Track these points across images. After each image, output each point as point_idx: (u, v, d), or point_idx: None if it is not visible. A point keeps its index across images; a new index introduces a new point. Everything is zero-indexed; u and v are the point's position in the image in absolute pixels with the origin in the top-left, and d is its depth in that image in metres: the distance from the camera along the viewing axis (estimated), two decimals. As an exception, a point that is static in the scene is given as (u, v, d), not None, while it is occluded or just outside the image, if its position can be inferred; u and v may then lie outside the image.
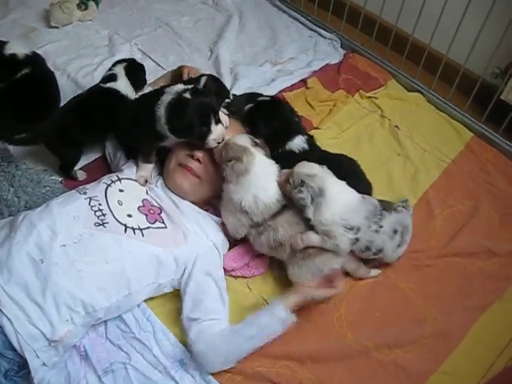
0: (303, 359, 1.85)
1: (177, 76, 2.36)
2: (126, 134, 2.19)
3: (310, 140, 2.18)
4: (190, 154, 2.04)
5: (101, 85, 2.30)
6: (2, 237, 1.78)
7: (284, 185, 1.92)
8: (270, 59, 3.00)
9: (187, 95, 1.92)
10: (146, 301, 1.92)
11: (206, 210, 2.10)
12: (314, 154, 2.13)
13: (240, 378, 1.79)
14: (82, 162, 2.38)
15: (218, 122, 1.95)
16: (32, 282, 1.68)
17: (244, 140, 1.96)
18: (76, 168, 2.33)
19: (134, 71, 2.35)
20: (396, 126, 2.66)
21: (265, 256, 2.08)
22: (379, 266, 2.10)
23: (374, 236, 1.92)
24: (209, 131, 1.91)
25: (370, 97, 2.81)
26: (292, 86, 2.81)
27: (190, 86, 1.97)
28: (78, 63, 2.86)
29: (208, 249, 1.97)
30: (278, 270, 2.06)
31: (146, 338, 1.85)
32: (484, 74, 2.68)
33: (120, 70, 2.32)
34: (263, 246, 1.97)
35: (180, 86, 1.99)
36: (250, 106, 2.23)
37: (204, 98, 1.96)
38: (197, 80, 2.19)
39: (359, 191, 1.97)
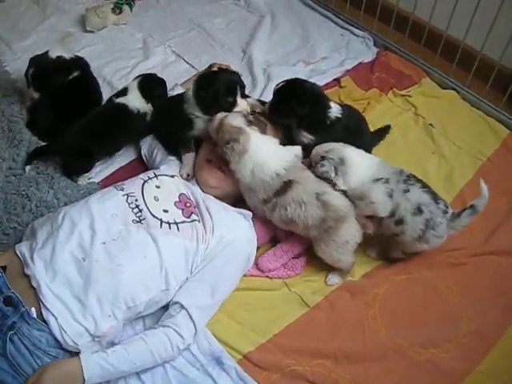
0: (338, 357, 1.85)
1: None
2: (164, 131, 2.29)
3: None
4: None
5: (113, 99, 2.36)
6: (45, 235, 1.83)
7: (310, 169, 2.01)
8: (303, 59, 3.01)
9: (214, 70, 2.08)
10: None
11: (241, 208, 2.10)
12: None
13: (277, 375, 1.81)
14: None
15: (244, 96, 2.03)
16: (75, 280, 1.73)
17: (238, 120, 1.99)
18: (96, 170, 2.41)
19: (149, 85, 2.36)
20: (430, 124, 2.64)
21: (301, 256, 2.11)
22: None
23: (401, 198, 1.92)
24: (234, 103, 1.99)
25: (403, 95, 2.80)
26: (325, 85, 2.80)
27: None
28: (113, 66, 2.92)
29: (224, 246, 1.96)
30: (315, 268, 2.10)
31: (185, 337, 1.88)
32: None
33: (133, 84, 2.36)
34: (278, 221, 2.02)
35: None
36: (272, 98, 2.20)
37: (229, 72, 2.11)
38: None
39: None
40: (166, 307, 1.89)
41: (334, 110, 2.16)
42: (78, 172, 2.33)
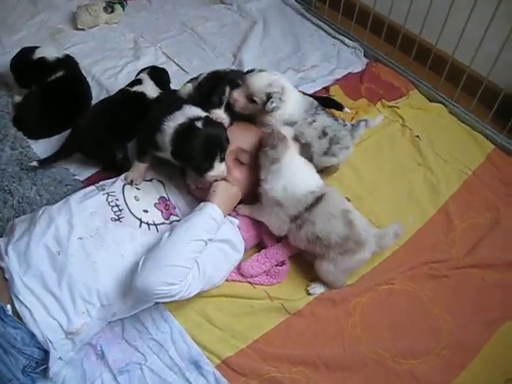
0: (318, 365, 1.85)
1: None
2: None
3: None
4: None
5: (128, 88, 2.34)
6: (22, 230, 1.83)
7: (247, 104, 2.10)
8: (293, 66, 3.02)
9: (199, 124, 1.88)
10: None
11: (235, 216, 2.09)
12: None
13: (255, 382, 1.80)
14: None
15: (223, 159, 1.92)
16: (48, 273, 1.72)
17: (287, 131, 2.02)
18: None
19: (158, 73, 2.42)
20: (417, 136, 2.65)
21: (284, 265, 2.09)
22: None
23: (307, 129, 2.15)
24: (210, 168, 1.88)
25: (391, 106, 2.81)
26: (314, 93, 2.79)
27: (204, 115, 1.93)
28: (102, 65, 2.91)
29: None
30: (298, 276, 2.09)
31: (163, 339, 1.87)
32: (507, 86, 2.67)
33: (144, 76, 2.37)
34: (302, 240, 1.99)
35: (195, 111, 1.95)
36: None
37: (215, 130, 1.92)
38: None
39: None
40: (148, 314, 1.90)
41: None
42: (107, 163, 2.33)
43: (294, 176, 1.96)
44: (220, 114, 2.07)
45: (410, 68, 3.01)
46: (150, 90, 2.34)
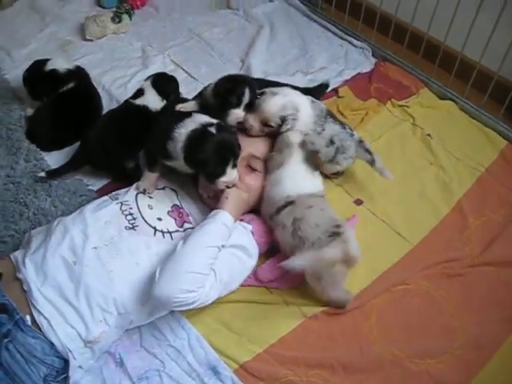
0: (335, 368, 1.84)
1: None
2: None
3: None
4: None
5: (131, 100, 2.33)
6: (39, 241, 1.86)
7: (262, 128, 2.10)
8: (302, 69, 3.02)
9: (212, 129, 1.88)
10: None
11: (248, 222, 2.09)
12: None
13: (272, 386, 1.80)
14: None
15: (235, 166, 1.93)
16: (65, 283, 1.74)
17: (295, 137, 2.05)
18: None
19: (162, 82, 2.36)
20: (428, 135, 2.64)
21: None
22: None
23: (316, 138, 2.15)
24: (223, 173, 1.89)
25: (401, 105, 2.80)
26: (325, 96, 2.79)
27: (215, 121, 1.93)
28: (112, 75, 2.92)
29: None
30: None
31: (181, 346, 1.87)
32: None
33: (146, 85, 2.33)
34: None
35: (205, 118, 1.95)
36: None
37: (228, 136, 1.93)
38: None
39: None
40: (166, 321, 1.92)
41: None
42: (118, 175, 2.35)
43: (285, 181, 1.99)
44: (240, 114, 2.07)
45: (419, 66, 3.00)
46: (152, 101, 2.28)
